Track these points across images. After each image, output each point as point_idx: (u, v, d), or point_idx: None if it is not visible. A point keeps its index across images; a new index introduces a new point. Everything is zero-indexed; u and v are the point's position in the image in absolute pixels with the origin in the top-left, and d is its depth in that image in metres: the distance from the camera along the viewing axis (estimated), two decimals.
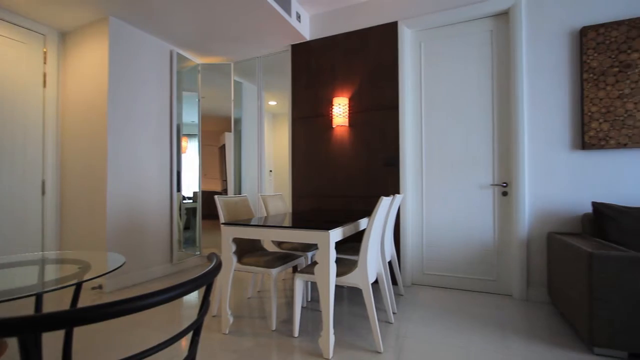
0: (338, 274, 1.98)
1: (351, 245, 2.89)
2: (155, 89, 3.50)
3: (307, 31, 3.55)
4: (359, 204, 3.30)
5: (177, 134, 3.76)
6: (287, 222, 2.16)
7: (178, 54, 3.76)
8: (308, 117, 3.57)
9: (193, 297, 2.88)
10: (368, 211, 2.91)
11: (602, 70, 2.45)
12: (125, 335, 2.12)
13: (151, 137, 3.43)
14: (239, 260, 2.34)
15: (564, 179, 2.60)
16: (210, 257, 0.73)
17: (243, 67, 4.16)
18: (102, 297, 2.89)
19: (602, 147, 2.46)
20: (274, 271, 2.20)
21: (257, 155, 4.01)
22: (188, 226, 4.00)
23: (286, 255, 2.45)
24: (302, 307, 2.58)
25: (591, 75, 2.48)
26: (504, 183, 2.83)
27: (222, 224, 2.15)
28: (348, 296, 2.84)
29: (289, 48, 3.68)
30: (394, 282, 3.07)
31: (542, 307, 2.55)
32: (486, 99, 2.90)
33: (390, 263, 3.06)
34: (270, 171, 5.87)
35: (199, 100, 4.07)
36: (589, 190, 2.53)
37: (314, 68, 3.55)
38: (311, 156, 3.54)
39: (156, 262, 3.46)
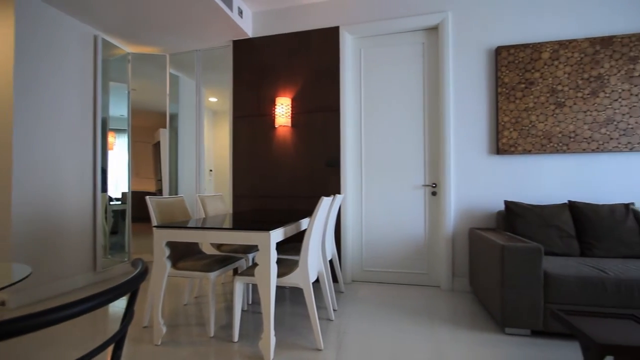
0: (279, 275, 1.98)
1: (293, 246, 2.90)
2: (76, 77, 3.12)
3: (249, 28, 3.47)
4: (301, 204, 3.32)
5: (103, 128, 3.40)
6: (227, 223, 2.09)
7: (104, 40, 3.40)
8: (250, 116, 3.49)
9: (123, 308, 2.63)
10: (310, 211, 2.95)
11: (513, 86, 2.81)
12: (32, 356, 1.86)
13: (70, 132, 3.06)
14: (174, 265, 2.20)
15: (482, 180, 2.92)
16: (135, 263, 0.67)
17: (180, 59, 3.92)
18: (4, 315, 2.49)
19: (512, 153, 2.81)
20: (212, 275, 2.12)
21: (195, 153, 3.81)
22: (116, 230, 3.64)
23: (225, 258, 2.37)
24: (243, 311, 2.52)
25: (504, 89, 2.83)
26: (434, 184, 3.09)
27: (154, 226, 2.00)
28: (290, 296, 2.85)
29: (231, 44, 3.57)
30: (335, 279, 3.16)
31: (465, 296, 2.83)
32: (418, 106, 3.13)
33: (331, 261, 3.13)
34: (211, 171, 5.61)
35: (128, 92, 3.73)
36: (502, 190, 2.88)
37: (257, 66, 3.49)
38: (253, 156, 3.48)
39: (77, 271, 3.09)
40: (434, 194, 3.09)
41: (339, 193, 3.22)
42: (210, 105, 5.44)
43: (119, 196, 3.66)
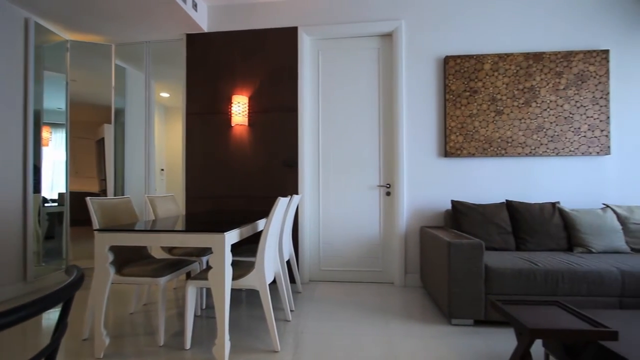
0: (234, 277, 1.93)
1: (249, 247, 2.84)
2: (2, 64, 2.79)
3: (204, 22, 3.35)
4: (258, 205, 3.27)
5: (36, 121, 3.07)
6: (180, 225, 2.00)
7: (37, 24, 3.07)
8: (205, 114, 3.37)
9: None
10: (267, 212, 2.92)
11: (459, 93, 3.02)
12: None
13: None
14: (119, 272, 2.05)
15: (432, 181, 3.10)
16: (69, 270, 0.62)
17: (128, 51, 3.67)
18: None
19: (458, 156, 3.02)
20: (162, 280, 2.01)
21: (145, 151, 3.58)
22: (52, 235, 3.31)
23: (177, 262, 2.26)
24: (196, 316, 2.42)
25: (451, 96, 3.02)
26: (388, 184, 3.21)
27: (96, 230, 1.85)
28: (246, 298, 2.79)
29: (184, 37, 3.41)
30: (293, 280, 3.15)
31: (417, 291, 2.98)
32: (374, 109, 3.24)
33: (288, 262, 3.12)
34: (162, 170, 5.31)
35: (67, 83, 3.41)
36: (450, 191, 3.08)
37: (212, 62, 3.37)
38: (208, 155, 3.35)
39: (3, 281, 2.75)
40: (388, 194, 3.22)
41: (297, 193, 3.22)
42: (162, 100, 5.15)
43: (55, 197, 3.33)
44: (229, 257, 1.76)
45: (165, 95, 5.00)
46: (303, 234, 3.21)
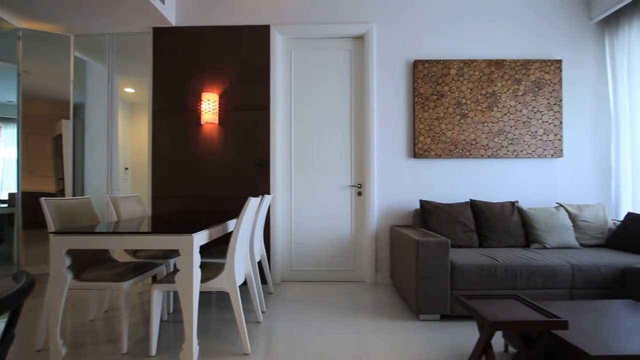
0: (203, 280, 1.88)
1: (219, 248, 2.78)
2: None
3: (172, 16, 3.23)
4: (229, 205, 3.21)
5: None
6: (145, 226, 1.91)
7: None
8: (173, 111, 3.25)
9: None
10: (238, 212, 2.87)
11: (427, 96, 3.12)
12: None
13: None
14: (77, 277, 1.93)
15: (402, 181, 3.18)
16: (17, 276, 0.58)
17: (88, 42, 3.46)
18: None
19: (426, 157, 3.12)
20: (126, 284, 1.91)
21: (107, 149, 3.40)
22: (1, 238, 3.05)
23: (142, 265, 2.17)
24: (163, 321, 2.33)
25: (420, 99, 3.13)
26: (359, 184, 3.26)
27: (51, 233, 1.73)
28: (216, 301, 2.73)
29: (151, 30, 3.27)
30: (264, 281, 3.12)
31: (387, 289, 3.05)
32: (346, 111, 3.28)
33: (260, 263, 3.09)
34: (126, 169, 5.07)
35: (19, 75, 3.16)
36: (418, 191, 3.18)
37: (181, 58, 3.26)
38: (176, 153, 3.24)
39: None
40: (359, 194, 3.27)
41: (268, 193, 3.20)
42: (126, 96, 4.91)
43: (6, 198, 3.08)
44: (197, 259, 1.71)
45: (130, 90, 4.78)
46: (275, 234, 3.19)
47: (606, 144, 3.20)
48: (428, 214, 2.85)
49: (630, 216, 2.69)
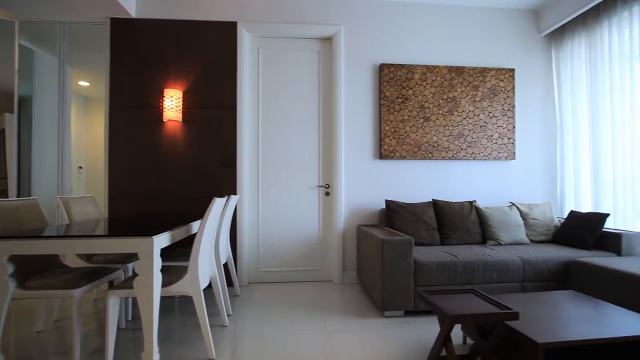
0: (165, 284, 1.80)
1: (182, 251, 2.68)
2: None
3: (132, 6, 3.06)
4: (193, 206, 3.10)
5: None
6: (100, 229, 1.80)
7: None
8: (132, 107, 3.08)
9: None
10: (203, 213, 2.78)
11: (392, 99, 3.22)
12: None
13: None
14: (22, 285, 1.78)
15: (368, 182, 3.25)
16: None
17: (37, 30, 3.19)
18: None
19: (392, 158, 3.22)
20: (77, 292, 1.79)
21: (58, 146, 3.16)
22: None
23: (96, 271, 2.04)
24: (120, 329, 2.21)
25: (385, 102, 3.21)
26: (327, 185, 3.29)
27: None
28: (180, 306, 2.63)
29: (108, 21, 3.08)
30: (230, 283, 3.05)
31: (354, 287, 3.10)
32: (314, 111, 3.29)
33: (226, 265, 3.02)
34: (80, 168, 4.73)
35: None
36: (384, 191, 3.26)
37: (142, 51, 3.10)
38: (136, 152, 3.08)
39: None
40: (327, 194, 3.29)
41: (235, 193, 3.13)
42: (80, 89, 4.59)
43: None
44: (158, 263, 1.64)
45: (84, 84, 4.47)
46: (241, 235, 3.13)
47: (553, 147, 3.48)
48: (393, 214, 2.94)
49: (572, 214, 2.94)
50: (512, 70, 3.35)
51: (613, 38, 2.87)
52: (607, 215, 2.66)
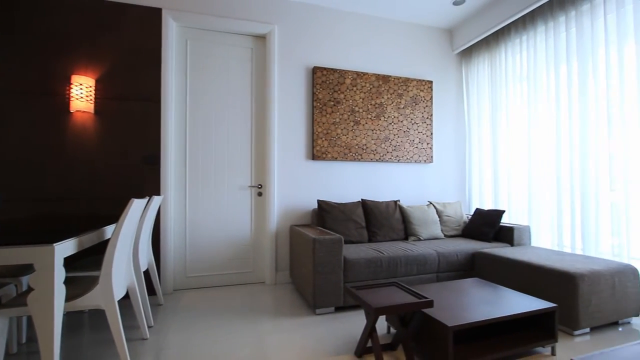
0: (70, 298, 1.58)
1: (94, 259, 2.39)
2: None
3: None
4: (108, 208, 2.78)
5: None
6: None
7: None
8: (28, 93, 2.64)
9: None
10: (119, 216, 2.51)
11: (325, 102, 3.31)
12: None
13: None
14: None
15: (301, 182, 3.29)
16: None
17: None
18: None
19: (324, 159, 3.31)
20: None
21: None
22: None
23: None
24: (11, 355, 1.87)
25: (318, 104, 3.29)
26: (259, 185, 3.24)
27: None
28: (91, 321, 2.33)
29: None
30: (152, 292, 2.81)
31: (286, 287, 3.10)
32: (247, 110, 3.21)
33: (147, 272, 2.77)
34: None
35: None
36: (316, 191, 3.34)
37: (43, 30, 2.67)
38: (34, 146, 2.64)
39: None
40: (259, 194, 3.24)
41: (158, 194, 2.89)
42: None
43: None
44: (60, 274, 1.43)
45: None
46: (166, 239, 2.90)
47: (462, 152, 3.94)
48: (325, 213, 3.02)
49: (477, 211, 3.37)
50: (431, 82, 3.71)
51: (508, 60, 3.38)
52: (504, 211, 3.12)
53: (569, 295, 2.07)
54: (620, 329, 2.19)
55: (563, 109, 2.86)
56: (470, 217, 3.55)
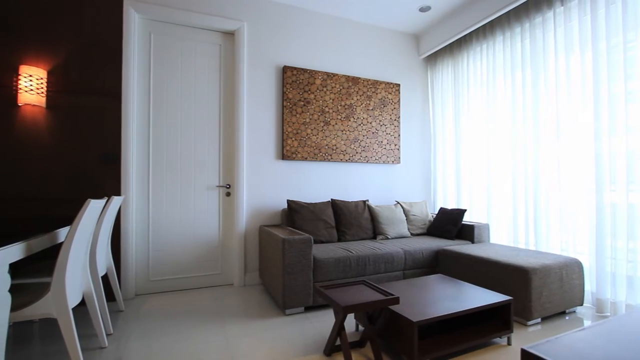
0: (17, 307, 1.46)
1: (46, 264, 2.22)
2: None
3: None
4: (61, 209, 2.59)
5: None
6: None
7: None
8: None
9: None
10: (73, 218, 2.35)
11: (295, 102, 3.30)
12: None
13: None
14: None
15: (271, 182, 3.26)
16: None
17: None
18: None
19: (294, 159, 3.30)
20: None
21: None
22: None
23: None
24: None
25: (288, 103, 3.28)
26: (228, 185, 3.17)
27: None
28: (42, 331, 2.16)
29: None
30: (112, 298, 2.66)
31: (256, 289, 3.06)
32: (214, 108, 3.13)
33: (105, 276, 2.62)
34: None
35: None
36: (286, 191, 3.32)
37: None
38: None
39: None
40: (228, 194, 3.17)
41: (119, 194, 2.74)
42: None
43: None
44: (5, 281, 1.31)
45: None
46: (127, 241, 2.76)
47: (428, 153, 4.10)
48: (294, 213, 3.01)
49: (441, 210, 3.52)
50: (398, 85, 3.82)
51: (470, 67, 3.55)
52: (465, 210, 3.27)
53: (522, 288, 2.22)
54: (567, 317, 2.38)
55: (518, 115, 3.05)
56: (435, 215, 3.69)
